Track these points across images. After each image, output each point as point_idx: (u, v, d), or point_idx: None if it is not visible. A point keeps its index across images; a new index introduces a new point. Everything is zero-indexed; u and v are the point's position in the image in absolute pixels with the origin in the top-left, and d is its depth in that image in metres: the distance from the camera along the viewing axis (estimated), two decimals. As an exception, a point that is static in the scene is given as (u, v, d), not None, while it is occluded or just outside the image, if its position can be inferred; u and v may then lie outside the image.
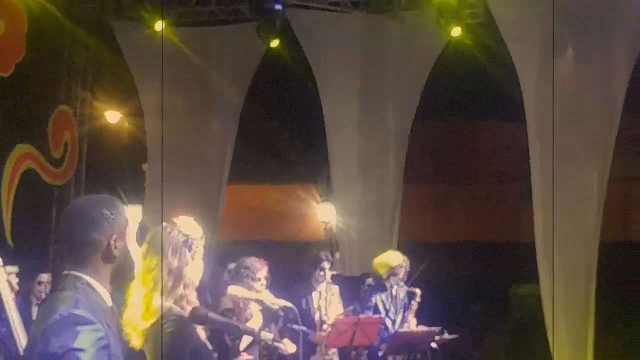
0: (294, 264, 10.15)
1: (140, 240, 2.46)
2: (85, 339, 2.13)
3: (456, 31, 8.47)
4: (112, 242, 2.31)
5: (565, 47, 7.74)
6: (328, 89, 9.18)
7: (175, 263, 3.14)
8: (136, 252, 2.45)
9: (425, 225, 13.80)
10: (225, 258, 7.40)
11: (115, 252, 2.33)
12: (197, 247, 3.24)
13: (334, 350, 6.66)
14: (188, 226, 3.26)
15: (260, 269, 5.20)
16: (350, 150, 9.30)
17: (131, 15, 9.48)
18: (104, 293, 2.34)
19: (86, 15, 9.59)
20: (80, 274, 2.30)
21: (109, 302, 2.35)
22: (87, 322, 2.16)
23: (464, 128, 15.10)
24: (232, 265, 7.27)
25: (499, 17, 8.06)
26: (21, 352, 4.15)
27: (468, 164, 15.07)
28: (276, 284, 8.95)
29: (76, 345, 2.11)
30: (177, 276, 3.15)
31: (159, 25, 9.02)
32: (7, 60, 8.41)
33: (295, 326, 5.45)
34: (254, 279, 5.10)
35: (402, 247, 8.36)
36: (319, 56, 9.11)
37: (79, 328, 2.14)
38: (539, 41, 7.78)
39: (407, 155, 9.28)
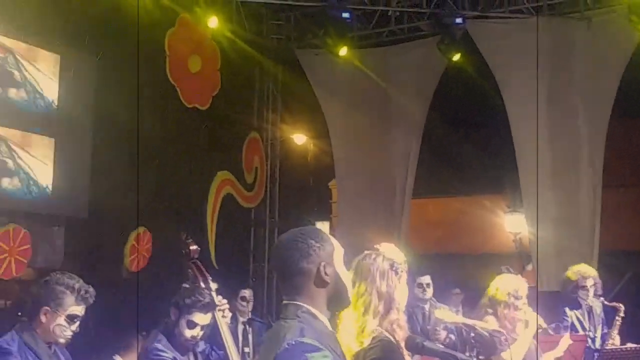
0: (482, 278, 9.92)
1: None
2: None
3: (649, 27, 7.95)
4: (321, 268, 2.41)
5: None
6: (513, 98, 8.94)
7: (384, 287, 3.22)
8: (345, 276, 2.51)
9: (628, 233, 12.92)
10: (413, 272, 7.38)
11: (326, 278, 2.42)
12: (402, 272, 3.30)
13: None
14: (391, 252, 3.34)
15: (522, 287, 5.07)
16: (540, 157, 8.97)
17: (314, 42, 9.84)
18: (324, 319, 2.42)
19: (272, 46, 10.09)
20: (300, 303, 2.40)
21: (329, 327, 2.44)
22: (316, 349, 2.25)
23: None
24: (421, 279, 7.28)
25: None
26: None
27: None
28: (467, 299, 8.85)
29: None
30: (388, 301, 3.22)
31: (341, 51, 9.28)
32: (205, 94, 9.06)
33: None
34: (517, 297, 4.99)
35: (603, 258, 7.92)
36: (502, 65, 8.90)
37: (308, 355, 2.23)
38: None
39: (604, 158, 8.80)
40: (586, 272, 6.49)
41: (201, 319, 4.46)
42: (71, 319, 3.51)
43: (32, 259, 6.80)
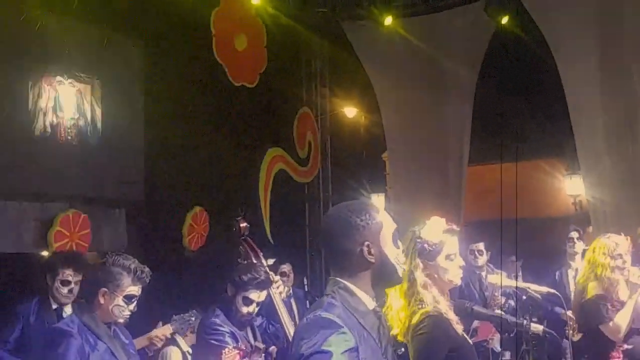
0: (541, 242, 9.78)
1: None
2: (333, 342, 2.15)
3: None
4: (364, 248, 2.33)
5: None
6: (566, 59, 8.67)
7: (406, 267, 3.17)
8: (394, 254, 2.40)
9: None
10: (470, 239, 7.36)
11: (370, 259, 2.34)
12: (430, 252, 3.28)
13: None
14: (428, 229, 3.30)
15: (621, 244, 4.85)
16: (595, 119, 8.74)
17: (359, 13, 9.74)
18: (364, 296, 2.36)
19: (317, 20, 10.03)
20: (339, 279, 2.36)
21: (370, 305, 2.37)
22: (333, 326, 2.20)
23: None
24: (473, 246, 7.23)
25: None
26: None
27: None
28: (527, 264, 8.75)
29: (324, 347, 2.13)
30: (409, 280, 3.23)
31: (387, 20, 9.17)
32: (252, 72, 9.09)
33: (558, 309, 5.26)
34: (614, 257, 4.76)
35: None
36: (553, 26, 8.63)
37: (324, 331, 2.17)
38: None
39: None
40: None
41: (257, 296, 4.57)
42: (129, 299, 3.61)
43: (92, 243, 6.98)
